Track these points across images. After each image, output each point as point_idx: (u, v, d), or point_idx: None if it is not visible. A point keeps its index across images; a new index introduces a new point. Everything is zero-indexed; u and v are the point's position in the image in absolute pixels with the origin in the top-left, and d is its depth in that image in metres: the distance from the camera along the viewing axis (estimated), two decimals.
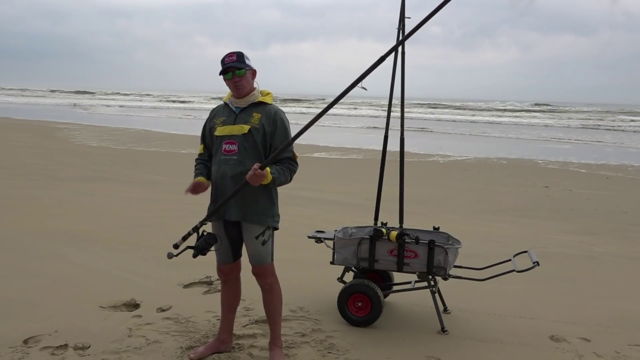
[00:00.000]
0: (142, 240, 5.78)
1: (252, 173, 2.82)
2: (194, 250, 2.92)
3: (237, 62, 3.02)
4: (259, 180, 2.84)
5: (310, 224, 5.74)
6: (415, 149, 17.66)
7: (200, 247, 2.92)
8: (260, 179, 2.84)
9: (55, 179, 10.04)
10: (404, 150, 4.33)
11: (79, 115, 34.02)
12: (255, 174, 2.81)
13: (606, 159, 16.98)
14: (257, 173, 2.81)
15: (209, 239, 2.95)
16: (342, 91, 2.84)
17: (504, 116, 42.08)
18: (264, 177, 2.85)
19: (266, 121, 3.03)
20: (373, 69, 2.85)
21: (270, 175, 2.89)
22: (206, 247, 2.93)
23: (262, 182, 2.86)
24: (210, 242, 2.94)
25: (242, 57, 3.05)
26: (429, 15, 2.77)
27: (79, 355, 3.20)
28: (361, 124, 31.19)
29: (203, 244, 2.92)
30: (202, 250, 2.92)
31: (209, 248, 2.94)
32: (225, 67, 3.02)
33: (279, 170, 2.95)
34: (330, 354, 3.32)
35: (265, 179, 2.86)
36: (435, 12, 2.78)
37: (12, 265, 4.80)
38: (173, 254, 2.88)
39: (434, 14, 2.77)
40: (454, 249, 3.75)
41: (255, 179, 2.83)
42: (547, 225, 7.90)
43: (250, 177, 2.83)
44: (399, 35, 4.24)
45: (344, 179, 11.74)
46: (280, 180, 2.97)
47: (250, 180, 2.83)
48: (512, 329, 3.85)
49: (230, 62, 3.02)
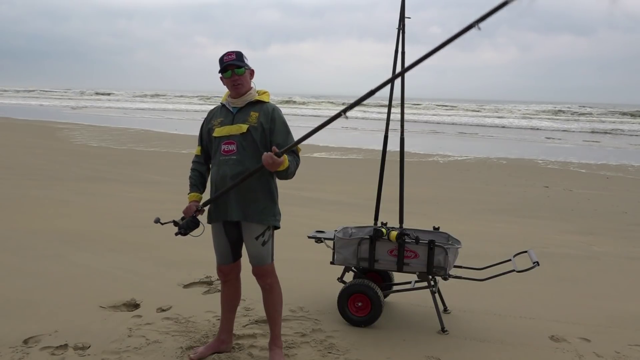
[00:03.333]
0: (142, 240, 5.78)
1: (270, 159, 2.77)
2: (177, 227, 3.02)
3: (237, 61, 3.02)
4: (276, 166, 2.81)
5: (310, 224, 5.74)
6: (415, 149, 17.66)
7: (182, 226, 3.00)
8: (277, 164, 2.80)
9: (55, 179, 10.04)
10: (404, 150, 4.33)
11: (79, 115, 34.01)
12: (275, 161, 2.77)
13: (606, 159, 16.98)
14: (276, 160, 2.77)
15: (191, 222, 3.01)
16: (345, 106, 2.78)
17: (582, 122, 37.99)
18: (281, 163, 2.82)
19: (264, 119, 3.03)
20: (363, 100, 2.71)
21: (287, 162, 2.87)
22: (187, 228, 3.00)
23: (278, 168, 2.83)
24: (190, 226, 3.01)
25: (241, 56, 3.05)
26: (425, 55, 2.52)
27: (79, 355, 3.19)
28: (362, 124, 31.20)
29: (185, 225, 3.00)
30: (183, 229, 3.00)
31: (189, 231, 3.01)
32: (224, 65, 3.02)
33: (291, 160, 2.94)
34: (330, 354, 3.32)
35: (282, 165, 2.83)
36: (432, 52, 2.50)
37: (12, 265, 4.80)
38: (160, 220, 3.00)
39: (431, 54, 2.49)
40: (454, 249, 3.75)
41: (273, 165, 2.79)
42: (547, 225, 7.90)
43: (270, 163, 2.78)
44: (399, 35, 4.24)
45: (344, 179, 11.74)
46: (291, 170, 2.95)
47: (267, 165, 2.79)
48: (512, 329, 3.85)
49: (230, 61, 3.02)
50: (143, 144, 17.44)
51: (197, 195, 3.15)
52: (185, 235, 3.02)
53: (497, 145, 21.09)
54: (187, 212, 3.06)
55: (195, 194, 3.15)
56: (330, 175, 12.18)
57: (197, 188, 3.17)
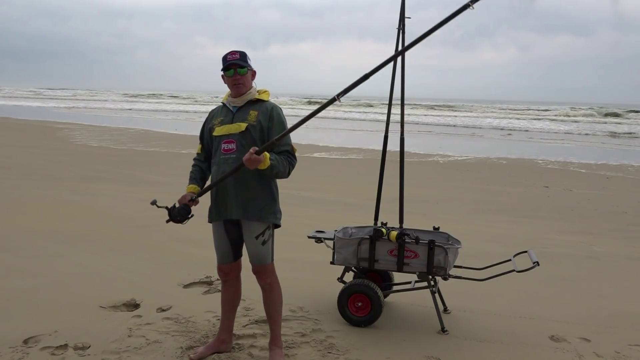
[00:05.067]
0: (142, 240, 5.78)
1: (248, 156, 2.80)
2: (168, 213, 3.03)
3: (240, 61, 3.04)
4: (255, 164, 2.82)
5: (310, 224, 5.73)
6: (415, 149, 17.66)
7: (173, 214, 3.01)
8: (255, 163, 2.82)
9: (55, 179, 10.04)
10: (404, 150, 4.33)
11: (79, 115, 34.01)
12: (251, 158, 2.80)
13: (606, 159, 16.98)
14: (253, 158, 2.79)
15: (182, 210, 3.01)
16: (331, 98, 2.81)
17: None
18: (260, 161, 2.82)
19: (263, 117, 3.03)
20: (358, 84, 2.74)
21: (269, 161, 2.86)
22: (177, 215, 3.01)
23: (258, 166, 2.83)
24: (182, 214, 3.01)
25: (245, 56, 3.07)
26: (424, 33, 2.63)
27: (79, 355, 3.20)
28: (362, 125, 31.21)
29: (177, 212, 3.01)
30: (173, 217, 3.01)
31: (179, 217, 3.01)
32: (228, 64, 3.03)
33: (278, 159, 2.93)
34: (330, 354, 3.32)
35: (261, 164, 2.84)
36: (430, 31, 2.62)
37: (12, 265, 4.80)
38: (156, 202, 3.00)
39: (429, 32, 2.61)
40: (454, 249, 3.75)
41: (250, 163, 2.81)
42: (547, 225, 7.90)
43: (247, 159, 2.81)
44: (399, 35, 4.24)
45: (344, 179, 11.74)
46: (278, 169, 2.93)
47: (246, 162, 2.82)
48: (512, 329, 3.85)
49: (233, 60, 3.03)
50: (143, 144, 17.44)
51: (195, 187, 3.15)
52: (176, 222, 3.03)
53: (497, 145, 21.10)
54: (181, 201, 3.07)
55: (194, 185, 3.16)
56: (330, 175, 12.18)
57: (196, 181, 3.19)
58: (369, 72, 2.68)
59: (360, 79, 2.69)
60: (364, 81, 2.65)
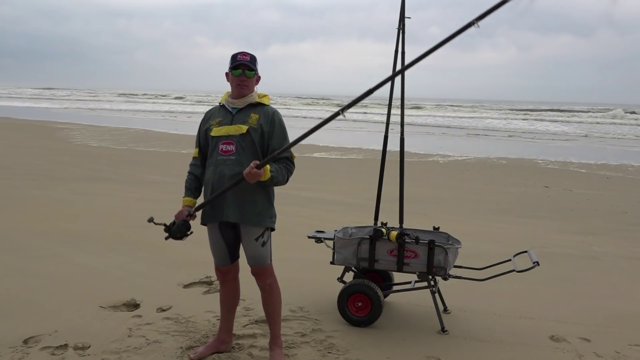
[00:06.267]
0: (142, 240, 5.78)
1: (249, 170, 2.81)
2: (167, 232, 3.00)
3: (250, 63, 3.04)
4: (256, 178, 2.84)
5: (310, 224, 5.73)
6: (415, 149, 17.66)
7: (173, 230, 2.99)
8: (256, 177, 2.83)
9: (55, 179, 10.04)
10: (404, 150, 4.33)
11: (79, 115, 34.01)
12: (252, 172, 2.81)
13: (606, 159, 16.98)
14: (254, 172, 2.81)
15: (182, 226, 3.00)
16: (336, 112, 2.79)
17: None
18: (260, 175, 2.84)
19: (264, 121, 3.03)
20: (362, 99, 2.72)
21: (269, 173, 2.89)
22: (176, 232, 2.99)
23: (259, 179, 2.86)
24: (181, 230, 2.99)
25: (254, 60, 3.08)
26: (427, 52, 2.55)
27: (79, 355, 3.19)
28: (362, 125, 31.21)
29: (176, 229, 2.99)
30: (173, 234, 2.99)
31: (179, 234, 2.99)
32: (237, 64, 3.03)
33: (278, 169, 2.95)
34: (330, 354, 3.32)
35: (262, 177, 2.86)
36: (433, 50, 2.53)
37: (12, 265, 4.80)
38: (153, 219, 2.98)
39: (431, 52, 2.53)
40: (454, 249, 3.75)
41: (251, 177, 2.83)
42: (547, 225, 7.90)
43: (247, 174, 2.82)
44: (399, 35, 4.24)
45: (344, 179, 11.74)
46: (278, 180, 2.96)
47: (247, 177, 2.83)
48: (512, 329, 3.85)
49: (244, 60, 3.03)
50: (143, 144, 17.44)
51: (191, 200, 3.13)
52: (175, 239, 3.00)
53: (497, 145, 21.09)
54: (179, 217, 3.04)
55: (189, 198, 3.14)
56: (330, 175, 12.18)
57: (191, 192, 3.16)
58: (372, 87, 2.68)
59: (365, 94, 2.68)
60: (368, 96, 2.66)
